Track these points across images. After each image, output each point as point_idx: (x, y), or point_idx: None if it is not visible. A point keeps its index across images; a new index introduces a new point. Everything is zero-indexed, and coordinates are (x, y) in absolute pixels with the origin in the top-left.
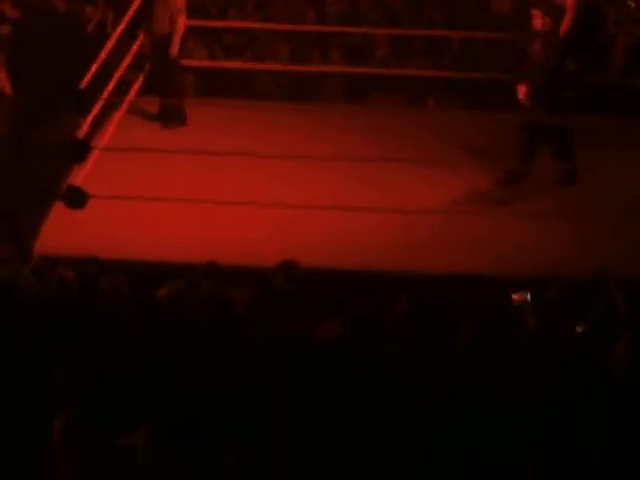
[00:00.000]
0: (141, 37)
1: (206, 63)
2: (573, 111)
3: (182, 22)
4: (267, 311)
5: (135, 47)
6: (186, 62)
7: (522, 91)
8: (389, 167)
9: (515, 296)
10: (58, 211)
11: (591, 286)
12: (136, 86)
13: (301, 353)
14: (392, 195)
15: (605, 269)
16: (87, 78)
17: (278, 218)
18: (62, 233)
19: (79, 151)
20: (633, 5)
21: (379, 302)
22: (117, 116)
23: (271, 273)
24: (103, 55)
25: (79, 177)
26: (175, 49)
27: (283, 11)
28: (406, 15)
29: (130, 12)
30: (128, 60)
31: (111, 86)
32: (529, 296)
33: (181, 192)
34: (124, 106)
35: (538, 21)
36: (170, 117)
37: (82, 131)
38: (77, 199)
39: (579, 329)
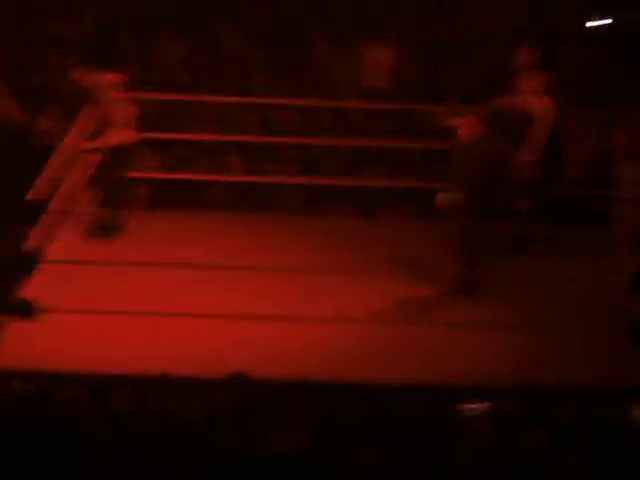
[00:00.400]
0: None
1: (157, 174)
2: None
3: (124, 135)
4: (218, 424)
5: (84, 158)
6: (137, 174)
7: (438, 199)
8: (340, 278)
9: (469, 406)
10: (9, 324)
11: (548, 397)
12: (85, 197)
13: (254, 465)
14: (343, 305)
15: (567, 379)
16: (36, 189)
17: (230, 330)
18: (13, 346)
19: (27, 264)
20: None
21: (332, 412)
22: (66, 228)
23: (222, 385)
24: (52, 166)
25: (28, 289)
26: (123, 161)
27: (236, 121)
28: (361, 124)
29: (79, 124)
30: (78, 171)
31: (60, 197)
32: (483, 406)
33: (133, 304)
34: (73, 217)
35: (462, 130)
36: (108, 228)
37: (30, 243)
38: (26, 311)
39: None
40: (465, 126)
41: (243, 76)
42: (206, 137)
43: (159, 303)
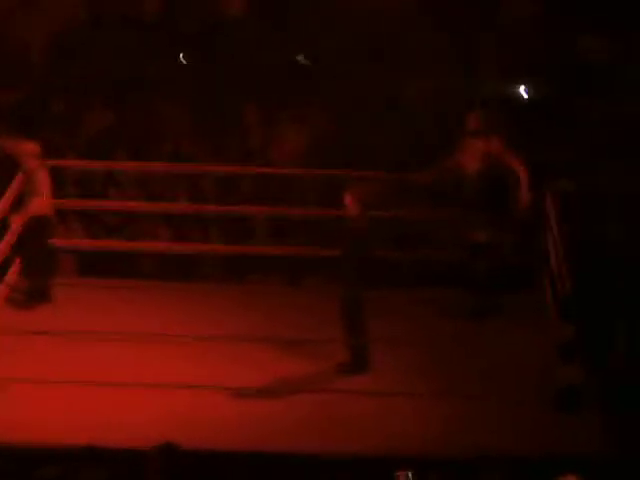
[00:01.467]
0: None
1: (83, 242)
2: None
3: (43, 204)
4: None
5: (13, 227)
6: (63, 241)
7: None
8: (264, 346)
9: (399, 476)
10: None
11: (473, 466)
12: (15, 267)
13: None
14: (267, 374)
15: (485, 449)
16: None
17: (158, 399)
18: None
19: None
20: None
21: None
22: None
23: (151, 455)
24: None
25: None
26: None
27: (162, 189)
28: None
29: (10, 192)
30: (6, 241)
31: None
32: (411, 475)
33: (58, 373)
34: (2, 287)
35: (349, 199)
36: (36, 297)
37: None
38: None
39: None
40: (348, 200)
41: (173, 143)
42: (130, 205)
43: (85, 372)
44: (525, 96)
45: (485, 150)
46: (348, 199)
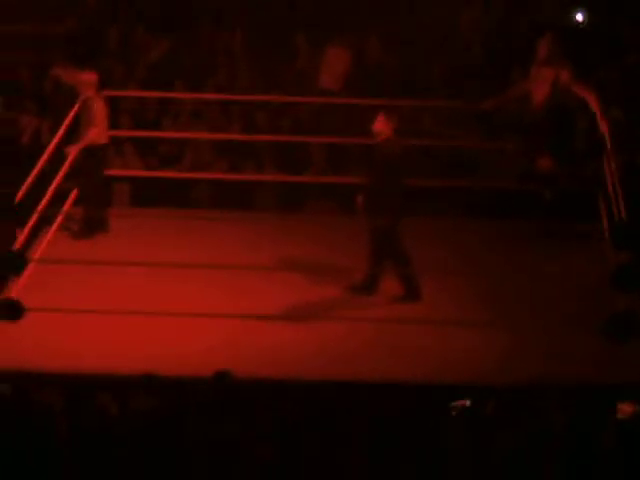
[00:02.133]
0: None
1: (139, 173)
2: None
3: (99, 134)
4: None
5: (70, 158)
6: (119, 172)
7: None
8: (322, 277)
9: (455, 404)
10: None
11: (530, 394)
12: (72, 197)
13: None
14: (326, 304)
15: (541, 378)
16: (23, 189)
17: (214, 329)
18: None
19: (15, 263)
20: None
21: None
22: (53, 228)
23: (204, 384)
24: (39, 166)
25: (14, 289)
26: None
27: (216, 120)
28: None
29: (65, 122)
30: (64, 171)
31: (47, 197)
32: (468, 403)
33: (115, 304)
34: (60, 217)
35: (379, 124)
36: (93, 227)
37: (18, 243)
38: (12, 311)
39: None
40: (379, 124)
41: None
42: (184, 135)
43: (142, 302)
44: (581, 23)
45: (554, 78)
46: (378, 124)
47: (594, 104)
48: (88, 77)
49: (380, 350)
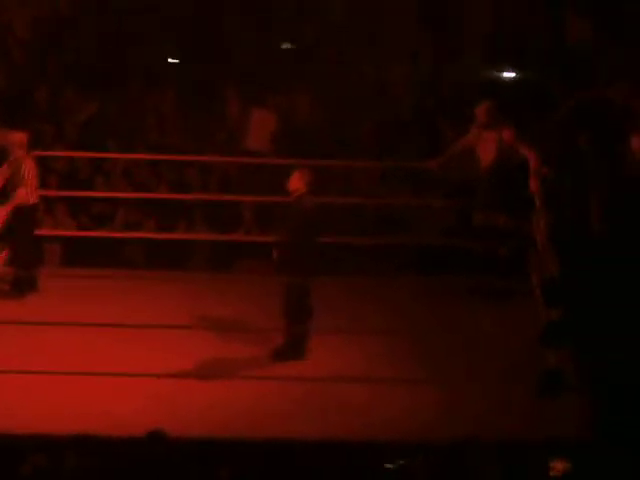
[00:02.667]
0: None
1: (71, 232)
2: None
3: (28, 194)
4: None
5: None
6: (50, 231)
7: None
8: (251, 336)
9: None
10: None
11: (462, 451)
12: (1, 257)
13: None
14: (256, 363)
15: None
16: None
17: (145, 389)
18: None
19: None
20: None
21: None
22: None
23: (137, 443)
24: None
25: None
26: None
27: (146, 179)
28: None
29: None
30: None
31: None
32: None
33: (47, 364)
34: None
35: (293, 182)
36: (23, 287)
37: None
38: None
39: None
40: (294, 181)
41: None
42: (118, 195)
43: (74, 362)
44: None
45: (498, 139)
46: (293, 182)
47: (532, 162)
48: (18, 137)
49: (310, 409)
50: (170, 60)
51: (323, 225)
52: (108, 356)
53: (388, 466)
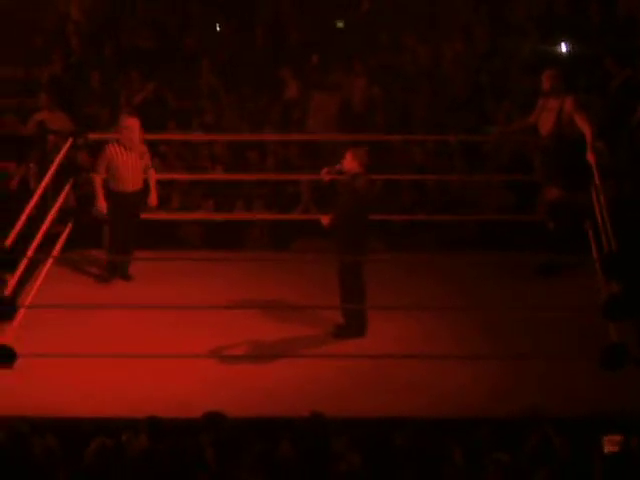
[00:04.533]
0: (65, 192)
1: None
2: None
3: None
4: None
5: (59, 202)
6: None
7: (324, 220)
8: (314, 314)
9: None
10: None
11: (523, 425)
12: (61, 241)
13: None
14: (322, 341)
15: (538, 407)
16: (12, 234)
17: (209, 370)
18: None
19: (6, 309)
20: None
21: (312, 448)
22: (43, 272)
23: (199, 426)
24: (27, 211)
25: (6, 336)
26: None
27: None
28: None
29: (53, 167)
30: (52, 215)
31: (36, 242)
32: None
33: (108, 348)
34: (50, 262)
35: (347, 162)
36: (112, 272)
37: (8, 289)
38: (5, 358)
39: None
40: (347, 161)
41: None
42: (176, 177)
43: (134, 345)
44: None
45: (559, 108)
46: (346, 162)
47: (588, 136)
48: (129, 122)
49: (373, 387)
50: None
51: (378, 204)
52: (167, 339)
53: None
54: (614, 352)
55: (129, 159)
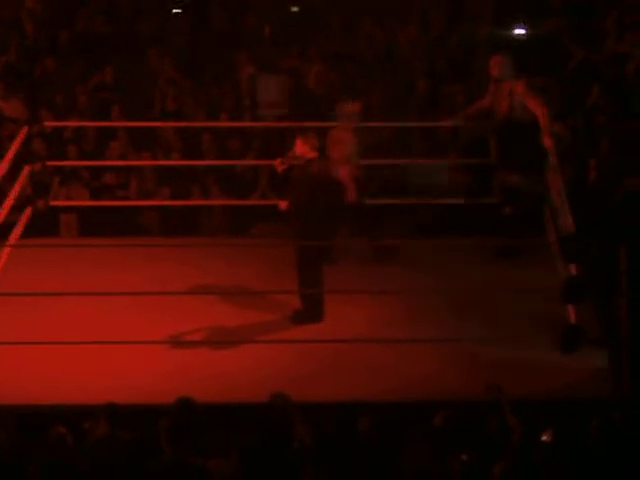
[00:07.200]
0: (21, 179)
1: (84, 203)
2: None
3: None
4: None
5: (15, 190)
6: (65, 202)
7: (282, 205)
8: (273, 299)
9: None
10: None
11: (483, 408)
12: (18, 229)
13: None
14: (282, 326)
15: (498, 388)
16: None
17: (168, 356)
18: None
19: None
20: None
21: (275, 434)
22: (1, 260)
23: (165, 411)
24: None
25: None
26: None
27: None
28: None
29: (8, 155)
30: (9, 203)
31: None
32: None
33: (66, 334)
34: (6, 249)
35: (299, 147)
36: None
37: None
38: None
39: (464, 457)
40: (299, 147)
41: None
42: (133, 163)
43: (92, 332)
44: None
45: (510, 92)
46: (298, 147)
47: (542, 119)
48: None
49: (338, 371)
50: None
51: (332, 188)
52: (126, 325)
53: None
54: (572, 334)
55: None
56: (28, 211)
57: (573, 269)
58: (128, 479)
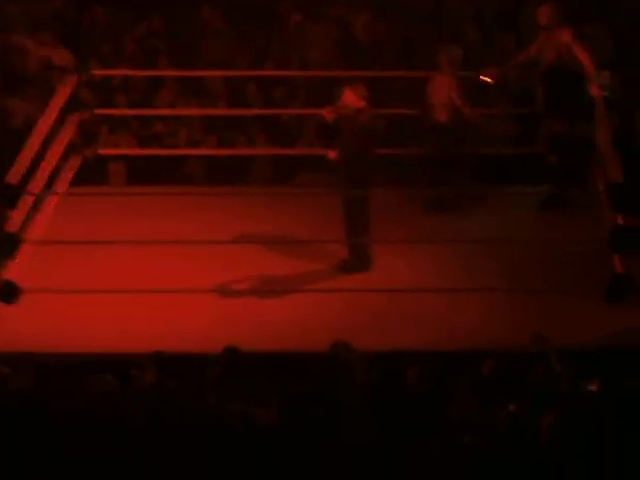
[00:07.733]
0: (69, 128)
1: (132, 151)
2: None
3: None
4: (205, 398)
5: (64, 138)
6: (113, 151)
7: (331, 155)
8: (322, 247)
9: None
10: None
11: (530, 358)
12: (67, 177)
13: (244, 437)
14: (330, 275)
15: (544, 338)
16: (16, 171)
17: (215, 305)
18: None
19: (8, 244)
20: None
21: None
22: (49, 208)
23: (212, 360)
24: (32, 147)
25: (10, 271)
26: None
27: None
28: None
29: (57, 104)
30: (57, 152)
31: (41, 178)
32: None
33: (114, 283)
34: (55, 198)
35: (347, 97)
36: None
37: (12, 224)
38: (9, 293)
39: (511, 407)
40: (347, 97)
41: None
42: (180, 112)
43: (140, 280)
44: None
45: (557, 41)
46: (346, 97)
47: (588, 68)
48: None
49: (386, 320)
50: None
51: (381, 138)
52: (175, 274)
53: None
54: (619, 283)
55: None
56: (77, 159)
57: (620, 219)
58: (173, 426)
